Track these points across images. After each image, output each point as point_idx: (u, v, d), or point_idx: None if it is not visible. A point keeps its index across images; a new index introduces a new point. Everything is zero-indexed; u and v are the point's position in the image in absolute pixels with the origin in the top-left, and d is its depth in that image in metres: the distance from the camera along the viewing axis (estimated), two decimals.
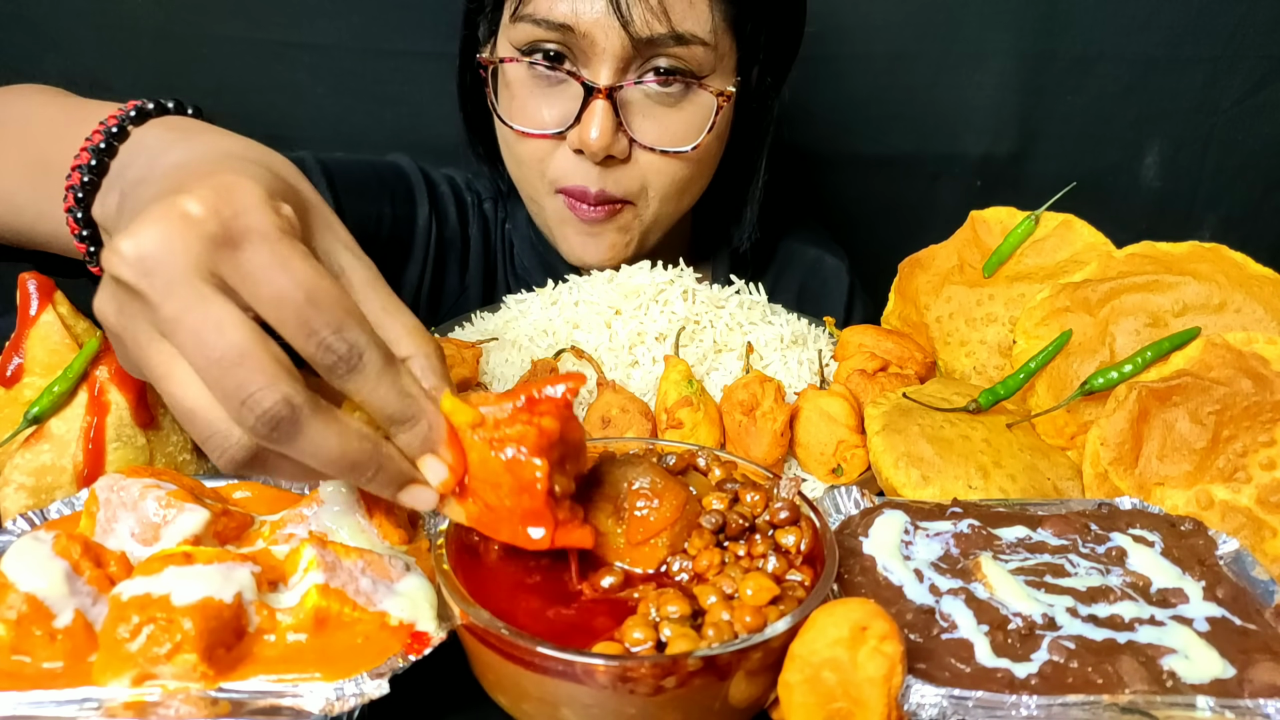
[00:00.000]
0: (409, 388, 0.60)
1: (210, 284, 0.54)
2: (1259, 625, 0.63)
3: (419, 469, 0.61)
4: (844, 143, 1.90)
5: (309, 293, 0.55)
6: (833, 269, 1.52)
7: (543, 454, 0.61)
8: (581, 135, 1.12)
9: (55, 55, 1.71)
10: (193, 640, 0.56)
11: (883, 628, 0.55)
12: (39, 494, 0.76)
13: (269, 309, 0.55)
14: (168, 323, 0.54)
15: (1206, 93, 1.86)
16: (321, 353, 0.56)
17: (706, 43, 1.12)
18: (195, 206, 0.54)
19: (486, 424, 0.62)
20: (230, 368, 0.53)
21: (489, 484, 0.61)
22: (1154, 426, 0.85)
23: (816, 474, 0.93)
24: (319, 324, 0.55)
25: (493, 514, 0.62)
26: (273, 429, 0.54)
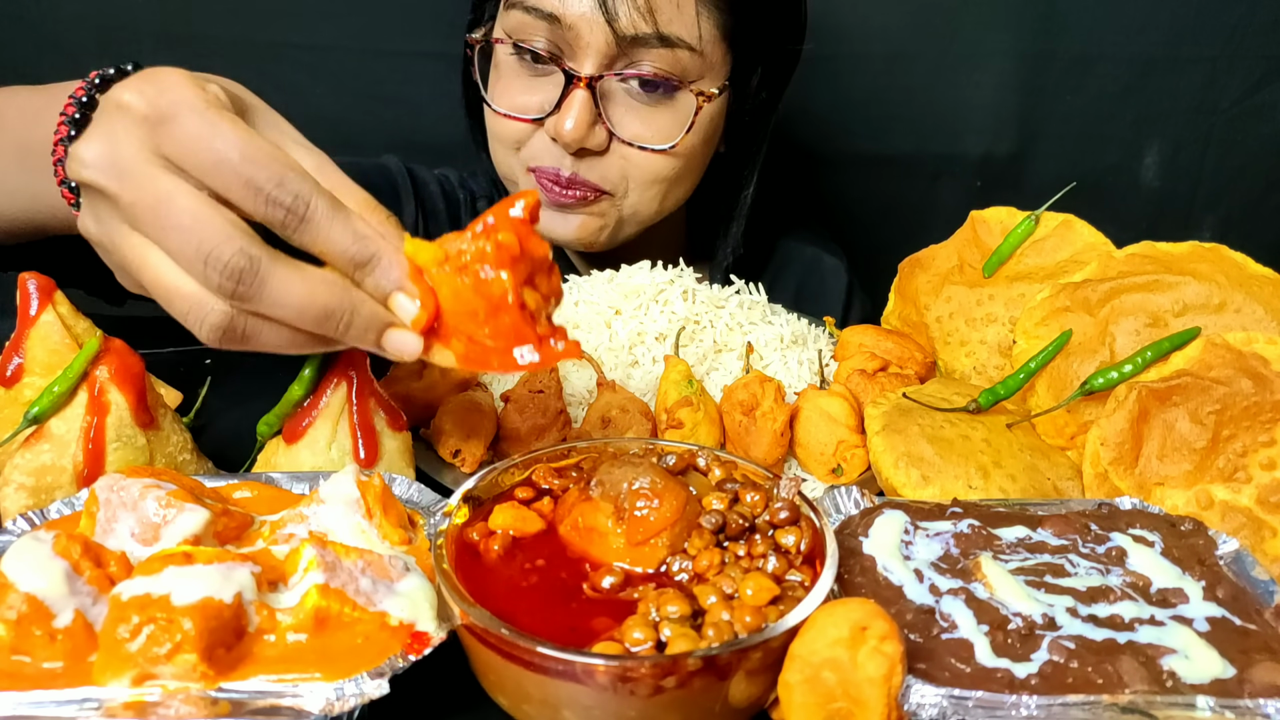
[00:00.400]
0: (362, 229, 0.61)
1: (158, 164, 0.58)
2: (1259, 625, 0.63)
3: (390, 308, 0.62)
4: (844, 143, 1.90)
5: (243, 152, 0.57)
6: (831, 268, 1.52)
7: (505, 267, 0.61)
8: (557, 125, 1.12)
9: (55, 56, 1.71)
10: (193, 640, 0.56)
11: (883, 628, 0.55)
12: (39, 494, 0.76)
13: (212, 177, 0.57)
14: (130, 208, 0.58)
15: (1206, 93, 1.86)
16: (269, 208, 0.57)
17: (693, 48, 1.12)
18: (127, 95, 0.58)
19: (450, 257, 0.63)
20: (187, 232, 0.56)
21: (465, 315, 0.62)
22: (1154, 426, 0.85)
23: (816, 474, 0.93)
24: (261, 179, 0.57)
25: (479, 348, 0.63)
26: (237, 282, 0.56)
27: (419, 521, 0.73)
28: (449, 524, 0.67)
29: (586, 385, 0.99)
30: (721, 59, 1.18)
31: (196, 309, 0.58)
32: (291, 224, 0.58)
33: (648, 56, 1.11)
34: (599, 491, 0.68)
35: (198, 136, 0.57)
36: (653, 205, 1.23)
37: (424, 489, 0.78)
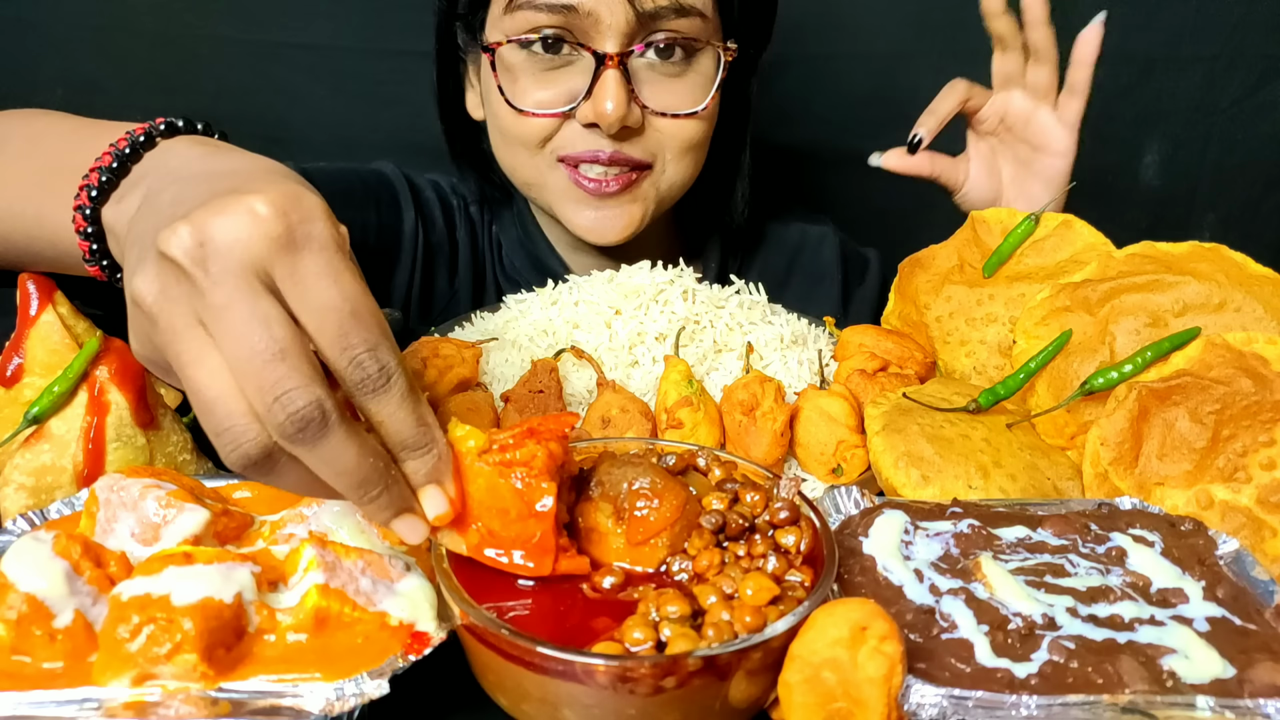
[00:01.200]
0: (427, 417, 0.60)
1: (262, 281, 0.56)
2: (1259, 625, 0.63)
3: (418, 499, 0.61)
4: (844, 143, 1.90)
5: (354, 307, 0.56)
6: (817, 236, 1.53)
7: (551, 477, 0.61)
8: (596, 108, 1.12)
9: (55, 57, 1.71)
10: (193, 640, 0.56)
11: (883, 628, 0.55)
12: (39, 494, 0.76)
13: (312, 317, 0.56)
14: (212, 309, 0.55)
15: (1206, 92, 1.86)
16: (353, 368, 0.57)
17: (704, 14, 1.14)
18: (264, 207, 0.56)
19: (492, 448, 0.62)
20: (269, 362, 0.54)
21: (494, 510, 0.62)
22: (1154, 426, 0.85)
23: (816, 474, 0.93)
24: (357, 339, 0.56)
25: (494, 541, 0.62)
26: (301, 429, 0.55)
27: None
28: None
29: (586, 385, 0.99)
30: (717, 21, 1.19)
31: (236, 433, 0.56)
32: (367, 389, 0.57)
33: (666, 26, 1.12)
34: (599, 491, 0.68)
35: (320, 276, 0.56)
36: (685, 173, 1.24)
37: None
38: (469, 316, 1.16)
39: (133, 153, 0.74)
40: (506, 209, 1.40)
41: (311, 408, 0.54)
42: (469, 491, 0.62)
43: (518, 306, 1.12)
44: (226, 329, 0.55)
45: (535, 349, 1.02)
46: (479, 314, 1.16)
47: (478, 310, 1.17)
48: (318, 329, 0.56)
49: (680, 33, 1.13)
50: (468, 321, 1.16)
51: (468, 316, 1.16)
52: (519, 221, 1.39)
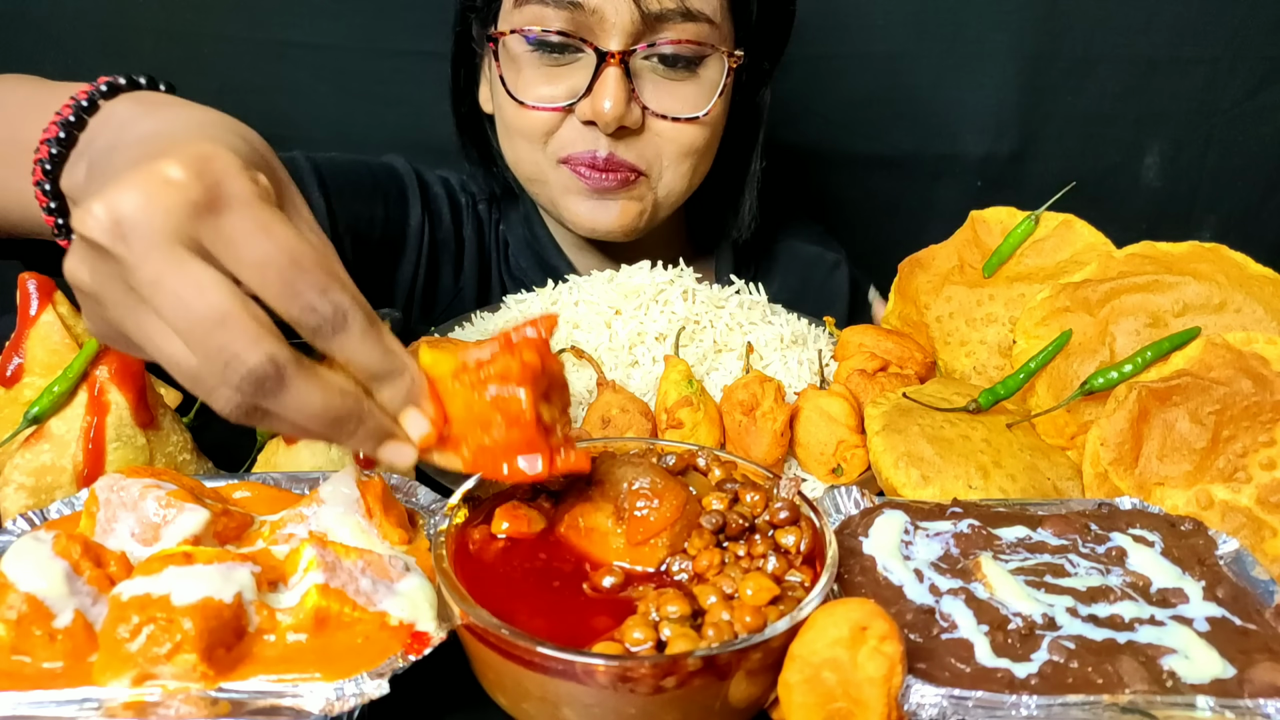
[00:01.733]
0: (391, 344, 0.60)
1: (188, 248, 0.54)
2: (1259, 625, 0.63)
3: (400, 424, 0.62)
4: (844, 143, 1.90)
5: (292, 256, 0.55)
6: (832, 263, 1.53)
7: (526, 385, 0.62)
8: (594, 105, 1.12)
9: (56, 54, 1.71)
10: (193, 640, 0.56)
11: (883, 628, 0.55)
12: (39, 494, 0.76)
13: (251, 273, 0.55)
14: (146, 286, 0.54)
15: (1206, 94, 1.86)
16: (306, 314, 0.56)
17: (712, 20, 1.14)
18: (176, 172, 0.54)
19: (468, 368, 0.63)
20: (212, 329, 0.53)
21: (478, 426, 0.63)
22: (1154, 426, 0.85)
23: (816, 474, 0.93)
24: (303, 286, 0.55)
25: (488, 454, 0.64)
26: (257, 388, 0.54)
27: (419, 521, 0.73)
28: (449, 524, 0.67)
29: (586, 385, 0.99)
30: (729, 29, 1.19)
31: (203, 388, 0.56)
32: (325, 331, 0.57)
33: (672, 29, 1.12)
34: (599, 491, 0.68)
35: (249, 233, 0.55)
36: (685, 181, 1.23)
37: (424, 489, 0.78)
38: (469, 316, 1.16)
39: (78, 120, 0.73)
40: (514, 209, 1.40)
41: (262, 365, 0.54)
42: (451, 413, 0.63)
43: (518, 306, 1.12)
44: (162, 303, 0.54)
45: None
46: (479, 314, 1.16)
47: (478, 310, 1.17)
48: (261, 284, 0.55)
49: (686, 38, 1.13)
50: (468, 321, 1.16)
51: (468, 316, 1.17)
52: (526, 222, 1.39)
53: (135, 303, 0.56)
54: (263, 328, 0.54)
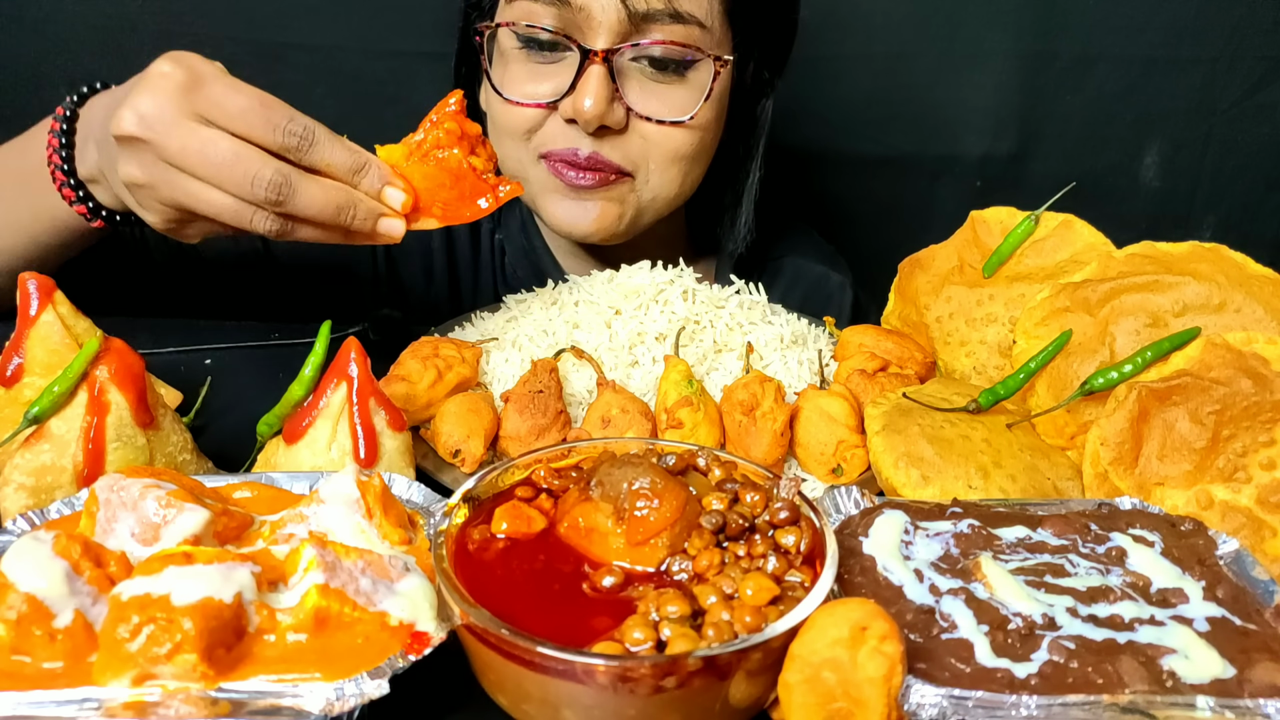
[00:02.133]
0: (353, 146, 0.82)
1: (195, 118, 0.77)
2: (1259, 625, 0.63)
3: (384, 200, 0.83)
4: (844, 143, 1.90)
5: (261, 100, 0.79)
6: (837, 284, 1.51)
7: (454, 145, 0.87)
8: (575, 103, 1.11)
9: (56, 56, 1.71)
10: (193, 640, 0.56)
11: (883, 628, 0.55)
12: (39, 494, 0.76)
13: (238, 121, 0.77)
14: (178, 154, 0.77)
15: (1205, 93, 1.87)
16: (286, 137, 0.78)
17: (703, 24, 1.13)
18: (164, 67, 0.78)
19: (412, 150, 0.87)
20: (233, 164, 0.76)
21: (436, 188, 0.86)
22: (1154, 426, 0.85)
23: (816, 474, 0.93)
24: (277, 118, 0.78)
25: (451, 208, 0.87)
26: (277, 192, 0.77)
27: (419, 521, 0.73)
28: (449, 524, 0.67)
29: (586, 385, 0.99)
30: (725, 35, 1.18)
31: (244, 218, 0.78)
32: (304, 148, 0.79)
33: (660, 31, 1.11)
34: (599, 491, 0.68)
35: (225, 94, 0.78)
36: (673, 187, 1.22)
37: (424, 489, 0.78)
38: (469, 316, 1.16)
39: (69, 129, 0.94)
40: (511, 216, 1.40)
41: (275, 174, 0.77)
42: (415, 186, 0.85)
43: (518, 307, 1.12)
44: (194, 161, 0.76)
45: (535, 349, 1.02)
46: (479, 314, 1.16)
47: (478, 310, 1.17)
48: (247, 127, 0.77)
49: (675, 40, 1.12)
50: (468, 322, 1.16)
51: (468, 316, 1.16)
52: (522, 230, 1.39)
53: (175, 174, 0.78)
54: (265, 154, 0.77)
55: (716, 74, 1.16)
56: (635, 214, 1.23)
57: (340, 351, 0.81)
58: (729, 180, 1.35)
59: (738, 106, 1.28)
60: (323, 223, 0.81)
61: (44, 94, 1.72)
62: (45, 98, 1.74)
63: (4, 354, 0.82)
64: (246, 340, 1.20)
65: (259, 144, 0.77)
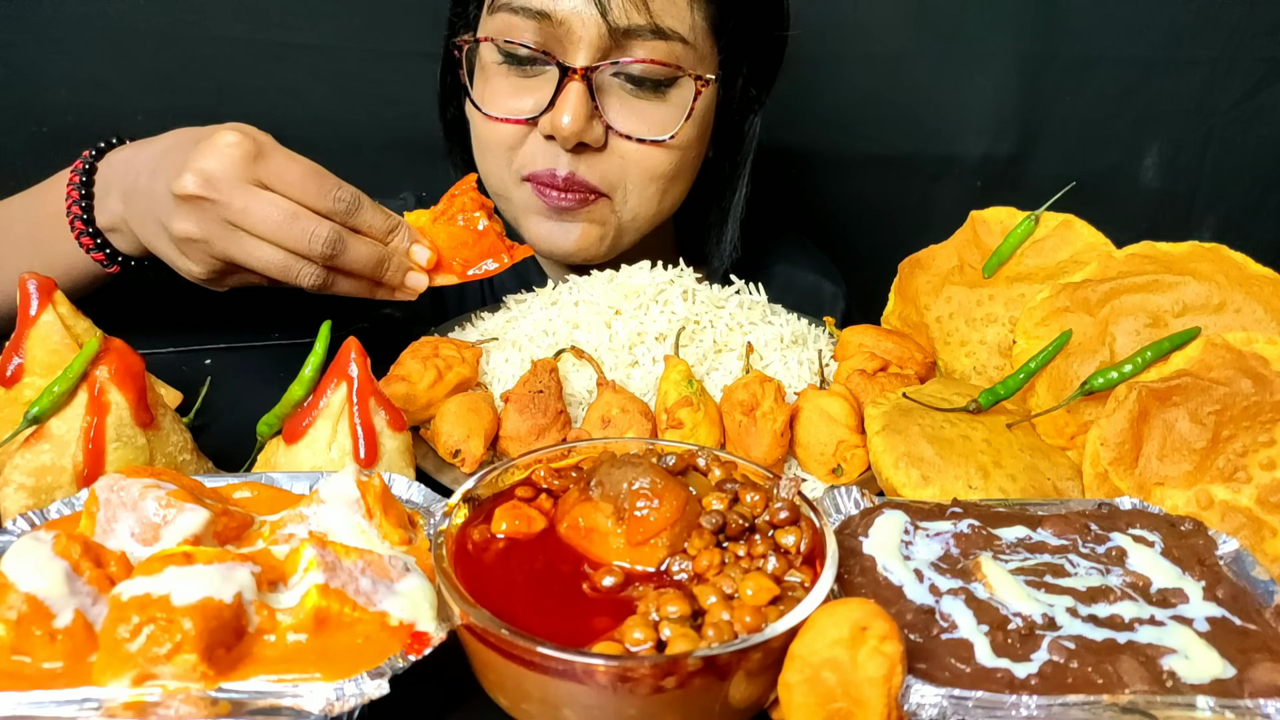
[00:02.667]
0: (387, 210, 0.93)
1: (255, 183, 0.86)
2: (1259, 625, 0.63)
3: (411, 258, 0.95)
4: (844, 143, 1.91)
5: (314, 170, 0.89)
6: (830, 295, 1.51)
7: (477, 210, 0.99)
8: (554, 119, 1.10)
9: (57, 57, 1.72)
10: (193, 640, 0.56)
11: (883, 628, 0.55)
12: (39, 494, 0.76)
13: (295, 189, 0.87)
14: (237, 214, 0.85)
15: (1205, 94, 1.87)
16: (336, 203, 0.89)
17: (686, 40, 1.12)
18: (230, 137, 0.87)
19: (436, 215, 0.99)
20: (291, 223, 0.86)
21: (457, 245, 0.98)
22: (1154, 426, 0.85)
23: (816, 474, 0.93)
24: (328, 186, 0.89)
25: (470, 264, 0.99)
26: (332, 248, 0.87)
27: (419, 521, 0.73)
28: (449, 524, 0.67)
29: (586, 385, 0.99)
30: (710, 52, 1.17)
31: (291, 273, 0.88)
32: (350, 212, 0.90)
33: (641, 48, 1.10)
34: (599, 491, 0.68)
35: (284, 164, 0.88)
36: (652, 206, 1.21)
37: (424, 489, 0.78)
38: (469, 317, 1.16)
39: (87, 180, 1.02)
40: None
41: (331, 232, 0.87)
42: (438, 246, 0.96)
43: (518, 307, 1.12)
44: (255, 219, 0.86)
45: (535, 349, 1.02)
46: (479, 314, 1.16)
47: (478, 310, 1.17)
48: (301, 194, 0.87)
49: (656, 57, 1.10)
50: (468, 322, 1.16)
51: (468, 317, 1.17)
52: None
53: (230, 230, 0.87)
54: (320, 215, 0.88)
55: (698, 93, 1.14)
56: (616, 234, 1.22)
57: (340, 351, 0.81)
58: (715, 197, 1.34)
59: (725, 123, 1.27)
60: (362, 275, 0.92)
61: (44, 94, 1.72)
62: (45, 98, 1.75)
63: (4, 354, 0.82)
64: (246, 340, 1.20)
65: (311, 207, 0.87)
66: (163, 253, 0.94)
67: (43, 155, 1.71)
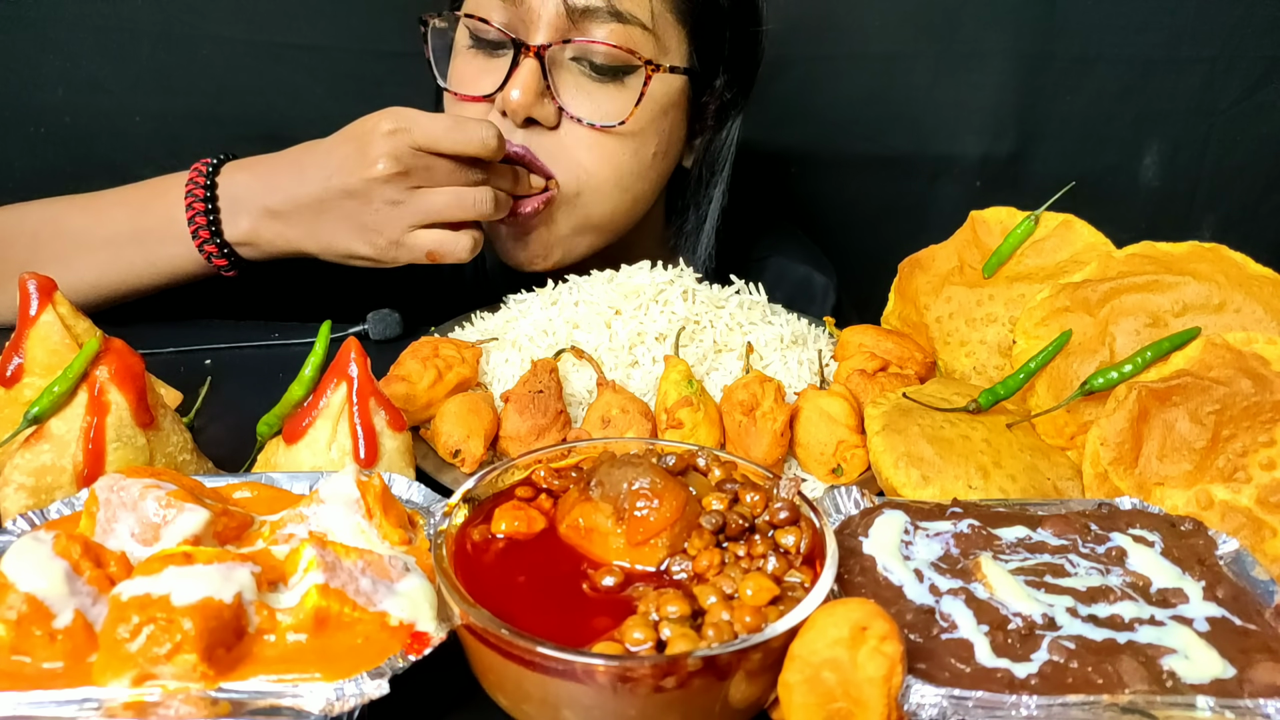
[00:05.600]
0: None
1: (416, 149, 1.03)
2: (1259, 625, 0.64)
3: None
4: (844, 143, 1.90)
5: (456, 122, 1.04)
6: (821, 287, 1.50)
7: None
8: (505, 93, 1.12)
9: (55, 57, 1.71)
10: (193, 640, 0.56)
11: (883, 628, 0.55)
12: (39, 494, 0.76)
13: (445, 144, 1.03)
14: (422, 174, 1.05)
15: (1205, 93, 1.86)
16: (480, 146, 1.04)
17: (645, 26, 1.12)
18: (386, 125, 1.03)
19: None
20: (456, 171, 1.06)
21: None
22: (1154, 426, 0.85)
23: (816, 474, 0.93)
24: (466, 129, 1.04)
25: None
26: (496, 141, 1.05)
27: (419, 521, 0.73)
28: (449, 524, 0.67)
29: (586, 385, 0.99)
30: (677, 44, 1.17)
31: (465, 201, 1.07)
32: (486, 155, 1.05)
33: (599, 29, 1.11)
34: (599, 491, 0.68)
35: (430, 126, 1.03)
36: (609, 202, 1.20)
37: (424, 489, 0.78)
38: (469, 316, 1.16)
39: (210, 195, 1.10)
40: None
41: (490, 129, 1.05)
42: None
43: (518, 307, 1.12)
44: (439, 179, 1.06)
45: (535, 349, 1.02)
46: (479, 314, 1.16)
47: (478, 310, 1.17)
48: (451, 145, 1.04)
49: (614, 41, 1.11)
50: (468, 321, 1.16)
51: (468, 316, 1.17)
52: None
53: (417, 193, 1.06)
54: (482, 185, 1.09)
55: (648, 79, 1.14)
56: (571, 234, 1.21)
57: (340, 351, 0.81)
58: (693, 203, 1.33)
59: (703, 126, 1.27)
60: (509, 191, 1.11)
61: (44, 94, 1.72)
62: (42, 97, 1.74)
63: (4, 354, 0.82)
64: (246, 340, 1.20)
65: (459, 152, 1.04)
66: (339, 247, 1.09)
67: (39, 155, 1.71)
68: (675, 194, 1.31)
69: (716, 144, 1.31)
